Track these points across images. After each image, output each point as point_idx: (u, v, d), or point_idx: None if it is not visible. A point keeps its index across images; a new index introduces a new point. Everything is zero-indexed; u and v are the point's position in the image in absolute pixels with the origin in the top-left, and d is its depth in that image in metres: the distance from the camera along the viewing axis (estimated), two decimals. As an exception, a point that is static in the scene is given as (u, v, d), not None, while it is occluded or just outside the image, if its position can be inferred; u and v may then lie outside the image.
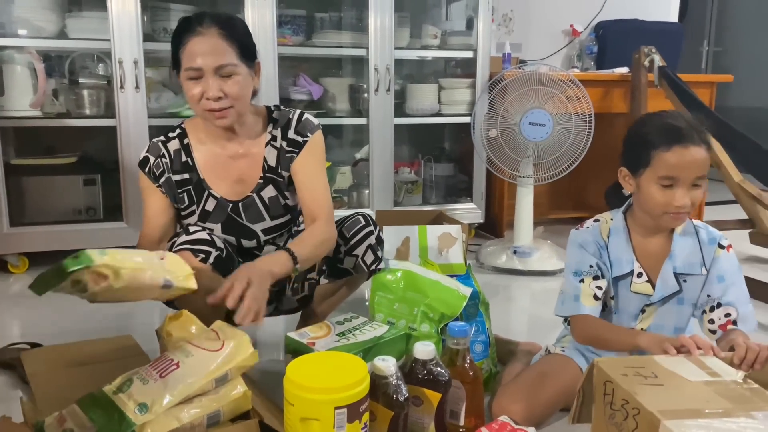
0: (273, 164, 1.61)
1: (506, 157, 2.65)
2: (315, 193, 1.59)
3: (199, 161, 1.58)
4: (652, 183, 1.30)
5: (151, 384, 1.09)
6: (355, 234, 1.63)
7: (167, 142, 1.58)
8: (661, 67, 2.93)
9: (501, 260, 2.69)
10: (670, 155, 1.26)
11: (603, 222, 1.44)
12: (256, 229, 1.63)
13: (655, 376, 1.02)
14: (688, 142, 1.26)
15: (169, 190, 1.57)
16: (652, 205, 1.32)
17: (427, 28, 3.04)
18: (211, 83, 1.43)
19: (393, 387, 1.17)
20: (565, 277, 1.45)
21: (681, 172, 1.26)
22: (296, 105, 2.90)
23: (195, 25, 1.43)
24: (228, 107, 1.46)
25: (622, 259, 1.39)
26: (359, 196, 3.04)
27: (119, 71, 2.50)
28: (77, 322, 2.07)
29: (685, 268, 1.37)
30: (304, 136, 1.60)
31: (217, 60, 1.42)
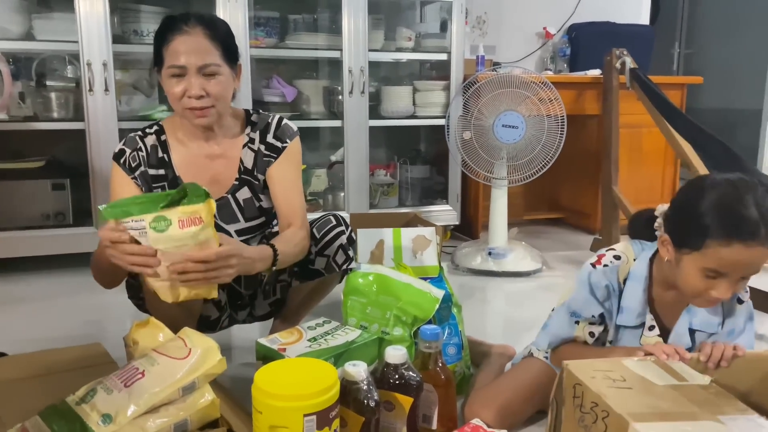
0: (249, 166, 1.61)
1: (480, 159, 2.65)
2: (290, 200, 1.59)
3: (175, 159, 1.58)
4: (696, 269, 1.14)
5: (115, 394, 1.06)
6: (326, 234, 1.63)
7: (144, 137, 1.57)
8: (632, 69, 2.96)
9: (476, 262, 2.70)
10: (728, 252, 1.08)
11: (624, 262, 1.29)
12: (229, 229, 1.62)
13: (623, 380, 1.03)
14: (751, 240, 1.07)
15: (144, 184, 1.56)
16: (687, 286, 1.17)
17: (401, 31, 3.04)
18: (194, 82, 1.43)
19: (364, 392, 1.16)
20: (559, 311, 1.36)
21: (734, 269, 1.11)
22: (269, 107, 2.88)
23: (180, 24, 1.44)
24: (209, 106, 1.47)
25: (634, 309, 1.28)
26: (335, 198, 3.02)
27: (88, 74, 2.45)
28: (45, 330, 2.03)
29: (703, 325, 1.26)
30: (283, 142, 1.61)
31: (201, 59, 1.43)
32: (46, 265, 2.64)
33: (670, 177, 3.50)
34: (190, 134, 1.58)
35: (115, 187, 1.57)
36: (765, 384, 1.13)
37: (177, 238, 1.21)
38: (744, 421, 0.93)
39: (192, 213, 1.21)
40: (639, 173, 3.35)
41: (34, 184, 2.57)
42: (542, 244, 3.11)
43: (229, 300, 1.71)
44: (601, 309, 1.29)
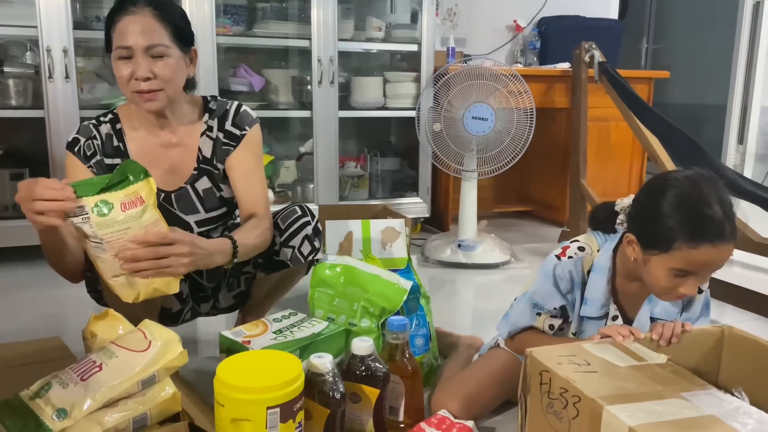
0: (208, 155, 1.56)
1: (450, 152, 2.65)
2: (251, 189, 1.56)
3: (131, 148, 1.53)
4: (664, 269, 1.14)
5: (71, 388, 1.03)
6: (291, 224, 1.59)
7: (98, 126, 1.52)
8: (601, 62, 2.98)
9: (446, 254, 2.70)
10: (696, 253, 1.09)
11: (588, 253, 1.30)
12: (189, 220, 1.58)
13: (588, 364, 1.04)
14: (719, 240, 1.08)
15: (100, 172, 1.50)
16: (655, 284, 1.18)
17: (371, 21, 3.01)
18: (141, 62, 1.39)
19: (329, 384, 1.14)
20: (520, 300, 1.36)
21: (703, 268, 1.13)
22: (236, 96, 2.83)
23: (128, 5, 1.40)
24: (157, 89, 1.42)
25: (598, 300, 1.29)
26: (304, 190, 2.99)
27: (47, 60, 2.38)
28: (3, 324, 1.96)
29: (663, 314, 1.28)
30: (242, 130, 1.56)
31: (147, 39, 1.38)
32: (4, 257, 2.56)
33: (637, 170, 3.54)
34: (145, 122, 1.53)
35: (71, 176, 1.50)
36: (710, 357, 1.18)
37: (120, 221, 1.16)
38: (705, 395, 0.96)
39: (132, 194, 1.17)
40: (607, 166, 3.38)
41: (-9, 173, 2.49)
42: (511, 236, 3.12)
43: (191, 292, 1.67)
44: (563, 301, 1.30)
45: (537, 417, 1.05)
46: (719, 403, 0.94)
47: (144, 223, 1.18)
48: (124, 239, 1.17)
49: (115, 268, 1.20)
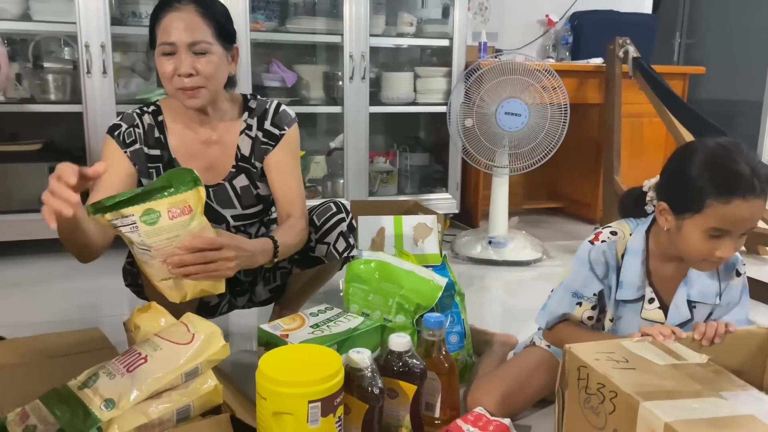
0: (246, 154, 1.58)
1: (482, 147, 2.64)
2: (289, 189, 1.57)
3: (172, 141, 1.55)
4: (699, 231, 1.15)
5: (117, 379, 1.05)
6: (326, 221, 1.60)
7: (142, 115, 1.54)
8: (635, 58, 2.94)
9: (476, 250, 2.69)
10: (729, 209, 1.10)
11: (620, 237, 1.30)
12: (225, 214, 1.60)
13: (626, 361, 1.04)
14: (750, 194, 1.10)
15: (138, 161, 1.52)
16: (691, 251, 1.18)
17: (402, 16, 3.00)
18: (184, 59, 1.40)
19: (368, 379, 1.15)
20: (557, 291, 1.35)
21: (737, 225, 1.13)
22: (269, 92, 2.85)
23: (173, 1, 1.42)
24: (200, 86, 1.43)
25: (633, 283, 1.28)
26: (333, 185, 3.00)
27: (86, 56, 2.42)
28: (40, 315, 2.01)
29: (701, 296, 1.27)
30: (281, 129, 1.57)
31: (191, 36, 1.40)
32: (42, 249, 2.62)
33: (670, 167, 3.49)
34: (186, 117, 1.54)
35: (106, 159, 1.49)
36: (755, 359, 1.16)
37: (168, 229, 1.16)
38: (745, 396, 0.95)
39: (181, 202, 1.17)
40: (640, 163, 3.33)
41: (30, 167, 2.54)
42: (542, 233, 3.10)
43: (228, 286, 1.69)
44: (601, 286, 1.29)
45: (574, 412, 1.05)
46: (759, 403, 0.94)
47: (192, 230, 1.19)
48: (172, 246, 1.17)
49: (163, 272, 1.20)
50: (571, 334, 1.30)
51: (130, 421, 1.02)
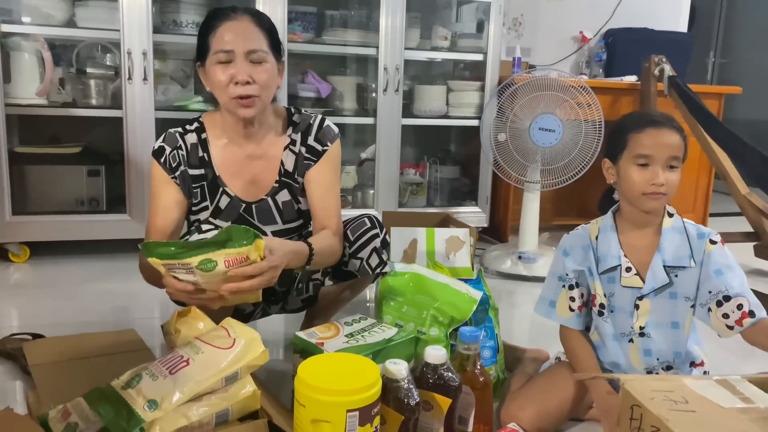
0: (290, 169, 1.58)
1: (514, 162, 2.63)
2: (327, 205, 1.58)
3: (215, 158, 1.56)
4: (630, 164, 1.37)
5: (160, 380, 1.07)
6: (361, 236, 1.60)
7: (185, 135, 1.55)
8: (671, 76, 2.92)
9: (506, 265, 2.68)
10: (644, 135, 1.35)
11: (593, 224, 1.49)
12: (266, 230, 1.61)
13: (685, 402, 0.98)
14: (660, 125, 1.36)
15: (183, 184, 1.53)
16: (630, 186, 1.37)
17: (437, 30, 3.03)
18: (241, 66, 1.41)
19: (404, 391, 1.15)
20: (546, 279, 1.53)
21: (654, 150, 1.34)
22: (304, 102, 2.88)
23: (228, 12, 1.45)
24: (255, 95, 1.44)
25: (608, 254, 1.42)
26: (364, 196, 3.02)
27: (128, 62, 2.48)
28: (76, 315, 2.05)
29: (675, 260, 1.38)
30: (324, 145, 1.58)
31: (249, 44, 1.42)
32: (79, 250, 2.67)
33: (704, 186, 3.45)
34: (231, 132, 1.54)
35: (156, 185, 1.54)
36: None
37: (224, 272, 1.17)
38: None
39: (238, 254, 1.17)
40: (672, 182, 3.30)
41: (69, 169, 2.61)
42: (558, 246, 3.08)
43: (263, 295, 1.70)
44: (576, 266, 1.45)
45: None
46: None
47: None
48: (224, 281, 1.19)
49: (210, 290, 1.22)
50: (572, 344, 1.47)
51: (172, 423, 1.04)
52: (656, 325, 1.39)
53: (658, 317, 1.39)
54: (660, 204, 1.38)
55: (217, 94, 1.47)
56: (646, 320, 1.40)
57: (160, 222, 1.51)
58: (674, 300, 1.39)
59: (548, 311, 1.50)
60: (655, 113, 1.42)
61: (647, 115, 1.42)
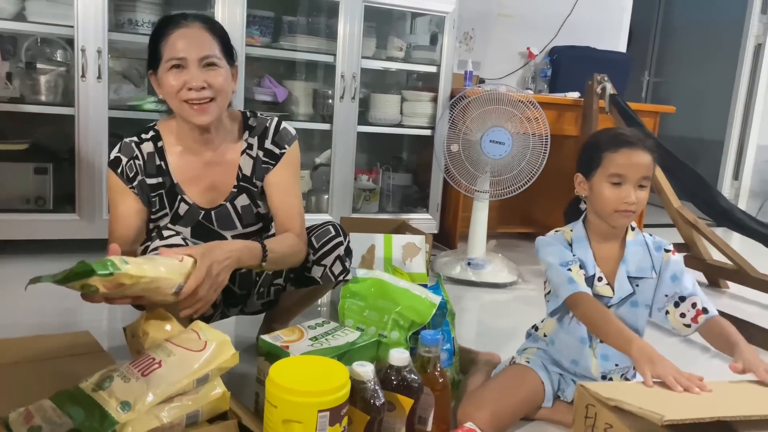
0: (248, 174, 1.60)
1: (466, 172, 2.73)
2: (288, 207, 1.59)
3: (172, 165, 1.55)
4: (603, 182, 1.43)
5: (132, 382, 1.08)
6: (325, 244, 1.63)
7: (140, 144, 1.54)
8: (612, 94, 3.08)
9: (455, 271, 2.77)
10: (619, 155, 1.41)
11: (564, 232, 1.56)
12: (226, 235, 1.62)
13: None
14: (634, 146, 1.42)
15: (141, 193, 1.53)
16: (603, 203, 1.44)
17: (392, 40, 3.10)
18: (195, 72, 1.42)
19: (370, 392, 1.20)
20: (549, 272, 1.51)
21: (628, 170, 1.40)
22: (260, 106, 2.90)
23: (179, 19, 1.45)
24: (210, 99, 1.44)
25: (587, 263, 1.49)
26: (318, 200, 3.05)
27: (81, 59, 2.43)
28: (26, 316, 2.00)
29: (638, 272, 1.48)
30: (282, 148, 1.59)
31: (201, 50, 1.43)
32: (25, 249, 2.59)
33: (639, 200, 3.64)
34: (188, 139, 1.54)
35: (114, 196, 1.53)
36: None
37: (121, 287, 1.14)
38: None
39: (109, 281, 1.11)
40: (610, 194, 3.47)
41: (15, 166, 2.53)
42: (517, 257, 3.19)
43: (223, 298, 1.72)
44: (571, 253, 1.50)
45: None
46: None
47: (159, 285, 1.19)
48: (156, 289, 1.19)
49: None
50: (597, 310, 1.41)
51: (144, 424, 1.06)
52: None
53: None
54: (629, 221, 1.47)
55: (171, 101, 1.46)
56: None
57: (121, 231, 1.51)
58: (635, 308, 1.49)
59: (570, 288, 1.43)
60: (629, 132, 1.47)
61: (622, 135, 1.46)
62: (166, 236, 1.48)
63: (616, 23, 4.09)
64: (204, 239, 1.58)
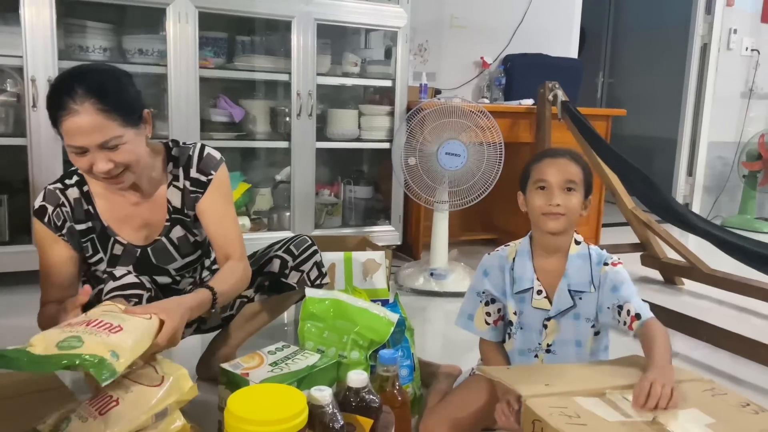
0: (178, 206, 1.60)
1: (424, 184, 2.77)
2: (225, 231, 1.60)
3: (101, 208, 1.55)
4: (532, 190, 1.51)
5: (90, 422, 1.09)
6: (304, 251, 1.73)
7: (65, 190, 1.52)
8: (563, 101, 3.16)
9: (419, 282, 2.81)
10: (542, 164, 1.51)
11: (511, 247, 1.62)
12: (168, 268, 1.63)
13: (578, 416, 1.12)
14: (556, 155, 1.51)
15: (71, 239, 1.52)
16: (532, 208, 1.51)
17: (347, 56, 3.13)
18: (98, 157, 1.36)
19: (329, 416, 1.22)
20: (467, 293, 1.65)
21: (550, 175, 1.48)
22: (217, 127, 2.90)
23: (67, 101, 1.31)
24: (122, 172, 1.41)
25: (523, 277, 1.55)
26: (280, 218, 3.06)
27: (32, 90, 2.41)
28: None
29: (578, 285, 1.52)
30: (208, 175, 1.59)
31: (99, 137, 1.34)
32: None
33: (596, 202, 3.73)
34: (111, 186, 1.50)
35: (43, 246, 1.51)
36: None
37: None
38: None
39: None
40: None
41: (-32, 198, 2.50)
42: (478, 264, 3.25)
43: None
44: (492, 288, 1.58)
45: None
46: None
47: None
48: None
49: None
50: (487, 356, 1.60)
51: (103, 463, 1.06)
52: (561, 343, 1.54)
53: (563, 336, 1.54)
54: (559, 224, 1.50)
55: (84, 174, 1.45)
56: (553, 338, 1.54)
57: (54, 279, 1.50)
58: (577, 321, 1.53)
59: (467, 324, 1.62)
60: (558, 149, 1.57)
61: (547, 150, 1.58)
62: (119, 276, 1.48)
63: (566, 29, 4.19)
64: (147, 273, 1.60)
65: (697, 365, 2.10)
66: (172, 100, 2.65)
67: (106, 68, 1.46)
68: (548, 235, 1.52)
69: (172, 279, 1.65)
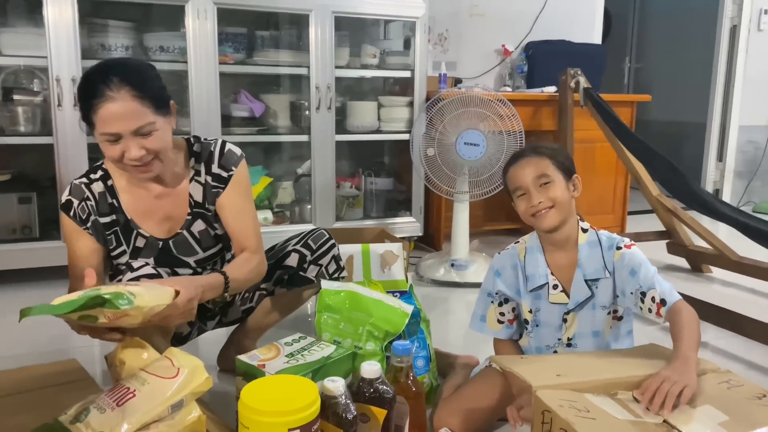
0: (199, 200, 1.63)
1: (443, 175, 2.76)
2: (244, 227, 1.64)
3: (124, 202, 1.58)
4: (515, 199, 1.54)
5: (108, 413, 1.12)
6: (321, 245, 1.76)
7: (90, 185, 1.56)
8: (586, 88, 3.12)
9: (439, 273, 2.80)
10: (510, 173, 1.53)
11: (522, 243, 1.61)
12: (189, 261, 1.66)
13: (587, 411, 1.12)
14: (520, 157, 1.53)
15: (96, 233, 1.56)
16: (522, 214, 1.53)
17: (366, 47, 3.12)
18: (131, 144, 1.41)
19: (342, 406, 1.24)
20: (479, 295, 1.66)
21: (520, 180, 1.50)
22: (238, 122, 2.93)
23: (103, 89, 1.37)
24: (152, 160, 1.46)
25: (536, 273, 1.55)
26: (301, 211, 3.09)
27: (56, 89, 2.47)
28: (13, 347, 2.03)
29: (593, 273, 1.51)
30: (229, 171, 1.62)
31: (134, 123, 1.39)
32: (12, 279, 2.63)
33: (621, 189, 3.68)
34: (135, 178, 1.55)
35: (69, 237, 1.56)
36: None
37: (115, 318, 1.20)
38: None
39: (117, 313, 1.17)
40: (592, 186, 3.51)
41: (-1, 197, 2.57)
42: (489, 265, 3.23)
43: (198, 314, 1.75)
44: (505, 288, 1.58)
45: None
46: None
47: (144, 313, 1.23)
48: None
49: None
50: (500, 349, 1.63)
51: (121, 453, 1.09)
52: (581, 335, 1.53)
53: (582, 328, 1.53)
54: (551, 218, 1.48)
55: (113, 163, 1.49)
56: (573, 332, 1.53)
57: (80, 271, 1.52)
58: (593, 311, 1.53)
59: (480, 326, 1.63)
60: (518, 151, 1.59)
61: (511, 156, 1.59)
62: (136, 267, 1.52)
63: (589, 14, 4.11)
64: (168, 266, 1.63)
65: (723, 355, 2.06)
66: (193, 96, 2.69)
67: (136, 60, 1.57)
68: (549, 233, 1.52)
69: (194, 271, 1.68)
